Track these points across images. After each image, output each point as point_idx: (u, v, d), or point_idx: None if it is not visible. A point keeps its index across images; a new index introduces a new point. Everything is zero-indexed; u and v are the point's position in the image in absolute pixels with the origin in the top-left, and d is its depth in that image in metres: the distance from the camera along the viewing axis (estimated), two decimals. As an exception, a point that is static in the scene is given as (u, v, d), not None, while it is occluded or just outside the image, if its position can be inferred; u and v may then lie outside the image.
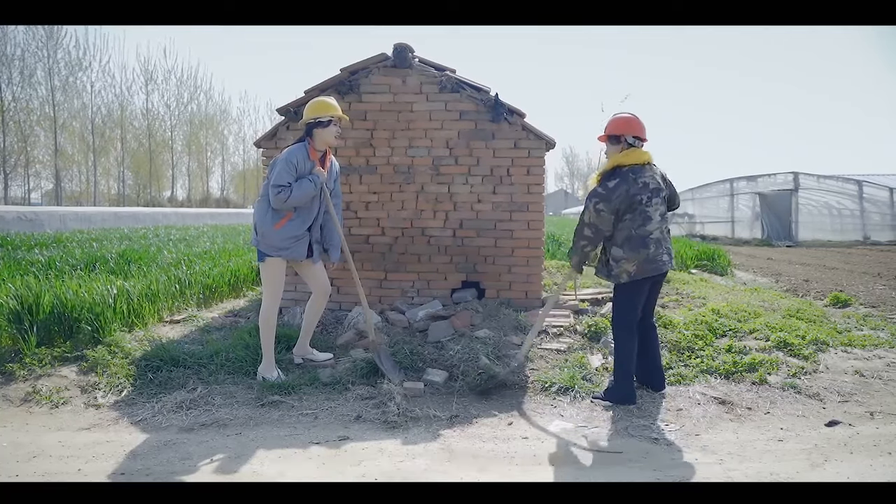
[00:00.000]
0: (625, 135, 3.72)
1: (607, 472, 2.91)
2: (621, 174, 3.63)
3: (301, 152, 4.12)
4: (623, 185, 3.60)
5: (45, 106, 34.28)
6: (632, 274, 3.66)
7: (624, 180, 3.61)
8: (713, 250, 11.12)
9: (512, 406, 3.81)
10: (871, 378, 4.23)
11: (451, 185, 5.55)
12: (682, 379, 4.16)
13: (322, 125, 4.15)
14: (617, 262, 3.69)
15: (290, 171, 4.04)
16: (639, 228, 3.66)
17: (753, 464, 2.99)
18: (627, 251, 3.65)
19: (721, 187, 24.84)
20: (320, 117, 4.13)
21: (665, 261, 3.71)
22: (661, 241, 3.72)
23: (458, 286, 5.62)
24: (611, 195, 3.60)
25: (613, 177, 3.64)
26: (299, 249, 4.20)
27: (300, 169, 4.08)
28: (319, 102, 4.21)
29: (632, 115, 3.78)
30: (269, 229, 4.09)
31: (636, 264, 3.64)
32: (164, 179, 44.53)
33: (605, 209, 3.61)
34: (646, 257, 3.64)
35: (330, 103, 4.21)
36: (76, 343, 4.59)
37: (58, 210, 19.00)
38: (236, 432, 3.39)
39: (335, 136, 4.23)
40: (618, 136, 3.73)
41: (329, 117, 4.14)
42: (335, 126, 4.19)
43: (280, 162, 4.09)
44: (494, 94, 5.43)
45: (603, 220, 3.63)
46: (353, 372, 4.22)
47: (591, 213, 3.66)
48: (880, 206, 20.81)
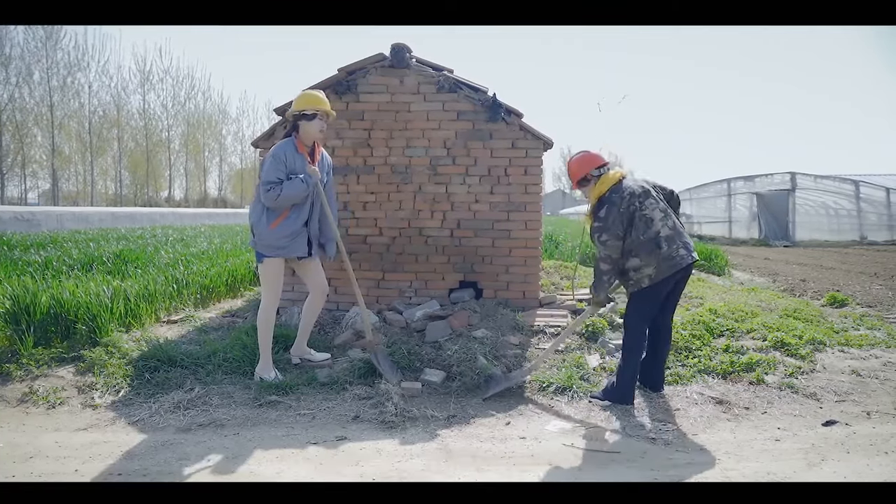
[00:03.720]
0: (587, 173, 3.87)
1: (605, 472, 2.92)
2: (606, 200, 3.74)
3: (289, 147, 4.11)
4: (612, 208, 3.69)
5: (42, 106, 34.18)
6: (653, 277, 3.65)
7: (611, 203, 3.71)
8: (711, 250, 11.14)
9: (510, 406, 3.81)
10: (867, 378, 4.24)
11: (449, 185, 5.55)
12: (679, 379, 4.17)
13: (307, 118, 4.11)
14: (636, 270, 3.69)
15: (279, 168, 4.02)
16: (645, 233, 3.67)
17: (751, 463, 2.99)
18: (644, 257, 3.66)
19: (718, 187, 24.90)
20: (305, 110, 4.10)
21: (683, 255, 3.67)
22: (674, 236, 3.70)
23: (455, 286, 5.62)
24: (608, 223, 3.68)
25: (600, 207, 3.76)
26: (298, 246, 4.18)
27: (289, 164, 4.06)
28: (304, 95, 4.18)
29: (581, 152, 3.96)
30: (264, 230, 4.08)
31: (655, 266, 3.64)
32: (161, 179, 44.42)
33: (609, 238, 3.67)
34: (661, 257, 3.63)
35: (315, 96, 4.17)
36: (73, 343, 4.58)
37: (55, 210, 18.94)
38: (234, 432, 3.39)
39: (320, 130, 4.18)
40: (583, 178, 3.88)
41: (314, 111, 4.10)
42: (320, 120, 4.14)
43: (269, 159, 4.09)
44: (492, 94, 5.43)
45: (611, 248, 3.69)
46: (350, 372, 4.22)
47: (600, 247, 3.73)
48: (877, 207, 20.87)
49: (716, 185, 25.12)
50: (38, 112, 34.06)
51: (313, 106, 4.10)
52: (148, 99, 41.48)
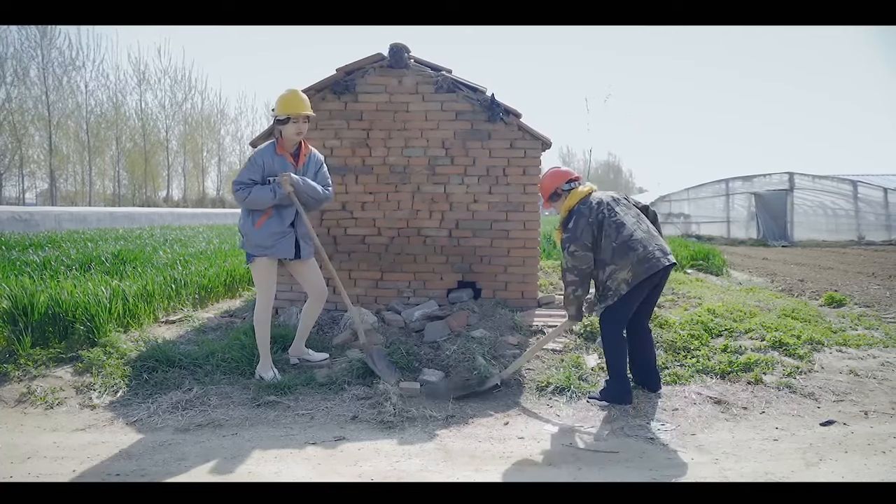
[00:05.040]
0: (557, 187, 3.93)
1: (603, 471, 2.92)
2: (575, 212, 3.79)
3: (268, 150, 4.14)
4: (581, 218, 3.73)
5: (40, 105, 34.12)
6: (630, 281, 3.62)
7: (579, 214, 3.75)
8: (709, 250, 11.15)
9: (508, 406, 3.82)
10: (865, 377, 4.25)
11: (447, 185, 5.55)
12: (677, 379, 4.17)
13: (281, 122, 4.10)
14: (612, 277, 3.66)
15: (253, 170, 4.06)
16: (617, 238, 3.66)
17: (749, 463, 3.00)
18: (617, 260, 3.64)
19: (717, 187, 24.88)
20: (279, 115, 4.09)
21: (658, 257, 3.63)
22: (648, 239, 3.69)
23: (454, 286, 5.62)
24: (576, 233, 3.71)
25: (570, 219, 3.81)
26: (285, 247, 4.16)
27: (267, 166, 4.08)
28: (280, 99, 4.12)
29: (551, 169, 4.06)
30: (250, 229, 4.10)
31: (630, 269, 3.61)
32: (159, 179, 44.35)
33: (577, 248, 3.69)
34: (637, 259, 3.60)
35: (289, 100, 4.10)
36: (71, 344, 4.58)
37: (53, 210, 18.91)
38: (232, 433, 3.39)
39: (297, 133, 4.13)
40: (554, 193, 3.95)
41: (286, 115, 4.07)
42: (294, 123, 4.09)
43: (248, 160, 4.14)
44: (490, 94, 5.43)
45: (579, 259, 3.70)
46: (349, 372, 4.22)
47: (568, 258, 3.75)
48: (874, 207, 20.92)
49: (714, 185, 25.11)
50: (36, 111, 34.00)
51: (285, 111, 4.07)
52: (146, 99, 41.49)
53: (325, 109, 5.55)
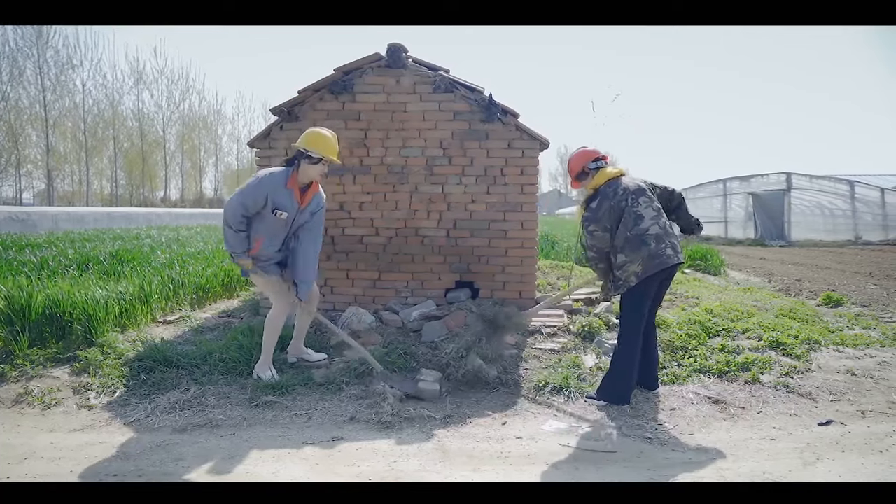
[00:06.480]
0: (584, 165, 3.94)
1: (601, 471, 2.92)
2: (600, 192, 3.83)
3: (280, 180, 3.89)
4: (604, 201, 3.77)
5: (37, 105, 34.04)
6: (639, 274, 3.66)
7: (604, 196, 3.79)
8: (706, 250, 11.17)
9: (506, 406, 3.82)
10: (862, 377, 4.26)
11: (445, 185, 5.55)
12: (675, 378, 4.18)
13: (311, 160, 3.91)
14: (621, 267, 3.72)
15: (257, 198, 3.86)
16: (633, 229, 3.69)
17: (746, 463, 3.00)
18: (629, 253, 3.68)
19: (714, 187, 24.92)
20: (311, 151, 3.89)
21: (669, 255, 3.68)
22: (662, 236, 3.72)
23: (451, 286, 5.62)
24: (597, 213, 3.76)
25: (594, 198, 3.84)
26: (272, 269, 4.17)
27: (271, 198, 3.87)
28: (315, 135, 3.94)
29: (579, 148, 4.05)
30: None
31: (640, 263, 3.65)
32: (157, 179, 44.29)
33: (596, 228, 3.76)
34: (648, 254, 3.65)
35: (326, 141, 3.93)
36: (68, 344, 4.57)
37: (50, 210, 18.86)
38: (230, 433, 3.38)
39: (320, 174, 3.99)
40: (581, 172, 3.96)
41: (320, 157, 3.90)
42: (324, 165, 3.96)
43: (254, 182, 3.89)
44: (488, 94, 5.43)
45: (598, 238, 3.77)
46: (347, 372, 4.22)
47: (587, 236, 3.81)
48: (871, 207, 20.97)
49: (711, 185, 25.15)
50: (32, 111, 33.92)
51: (320, 152, 3.90)
52: (143, 98, 41.45)
53: (323, 109, 5.54)
